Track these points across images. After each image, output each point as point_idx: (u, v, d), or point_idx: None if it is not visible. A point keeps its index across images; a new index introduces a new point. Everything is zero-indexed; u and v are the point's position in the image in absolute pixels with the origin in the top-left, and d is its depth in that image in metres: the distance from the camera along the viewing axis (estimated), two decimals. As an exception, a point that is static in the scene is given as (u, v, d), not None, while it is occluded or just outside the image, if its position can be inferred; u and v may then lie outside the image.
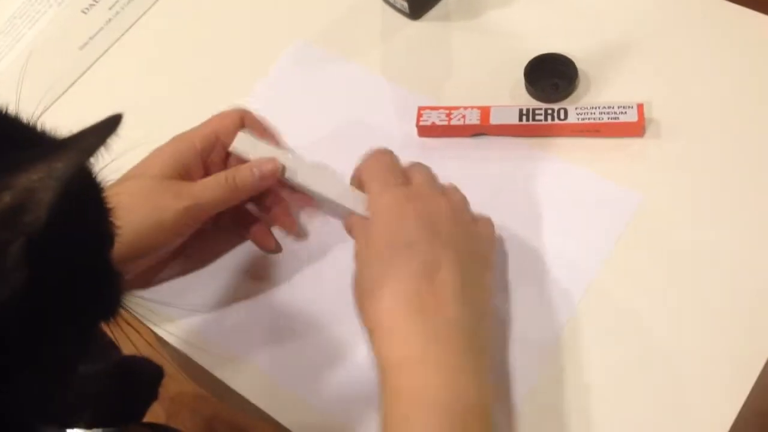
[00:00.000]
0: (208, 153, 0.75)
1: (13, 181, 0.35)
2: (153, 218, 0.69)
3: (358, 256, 0.67)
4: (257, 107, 0.85)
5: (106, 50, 0.97)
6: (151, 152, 0.74)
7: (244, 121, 0.76)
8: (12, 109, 0.45)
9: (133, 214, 0.67)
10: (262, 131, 0.77)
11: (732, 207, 0.73)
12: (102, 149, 0.39)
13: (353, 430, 0.69)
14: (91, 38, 0.97)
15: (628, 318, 0.70)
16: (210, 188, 0.72)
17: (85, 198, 0.44)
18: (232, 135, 0.75)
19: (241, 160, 0.75)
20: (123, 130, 0.42)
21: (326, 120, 0.85)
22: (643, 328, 0.69)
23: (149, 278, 0.77)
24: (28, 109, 0.46)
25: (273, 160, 0.73)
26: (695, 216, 0.73)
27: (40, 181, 0.35)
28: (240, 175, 0.72)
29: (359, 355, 0.71)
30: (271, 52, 0.92)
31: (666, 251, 0.72)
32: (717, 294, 0.69)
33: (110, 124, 0.39)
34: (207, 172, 0.75)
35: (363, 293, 0.64)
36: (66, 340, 0.43)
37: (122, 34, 0.98)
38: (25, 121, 0.45)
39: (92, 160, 0.39)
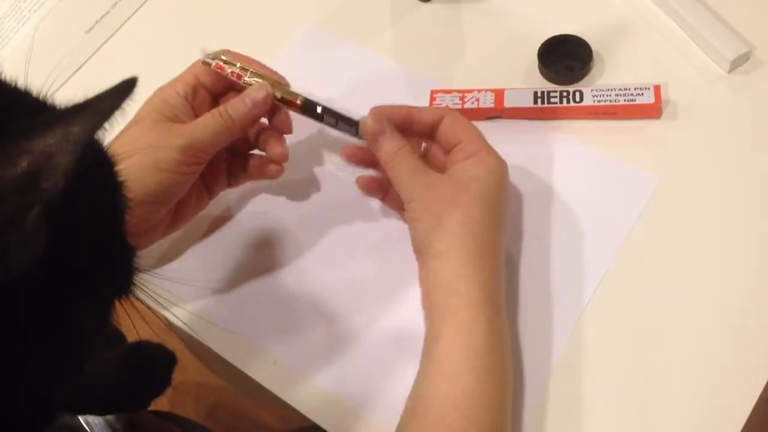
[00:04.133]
0: (192, 97, 0.74)
1: (30, 145, 0.34)
2: (151, 159, 0.68)
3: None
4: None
5: (113, 34, 0.96)
6: (139, 108, 0.73)
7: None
8: (22, 83, 0.44)
9: (132, 159, 0.66)
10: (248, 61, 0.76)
11: (750, 188, 0.73)
12: (118, 113, 0.38)
13: (359, 408, 0.69)
14: (97, 22, 0.96)
15: (645, 302, 0.69)
16: (205, 124, 0.71)
17: (97, 170, 0.43)
18: (218, 83, 0.75)
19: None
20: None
21: (338, 106, 0.84)
22: (660, 310, 0.69)
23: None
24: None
25: (264, 86, 0.73)
26: (713, 198, 0.73)
27: (57, 145, 0.34)
28: (232, 106, 0.72)
29: (366, 335, 0.72)
30: (280, 38, 0.91)
31: (684, 233, 0.71)
32: (736, 278, 0.69)
33: (125, 88, 0.38)
34: (197, 116, 0.74)
35: (438, 214, 0.66)
36: (81, 317, 0.42)
37: (129, 18, 0.97)
38: (35, 94, 0.44)
39: (107, 125, 0.38)
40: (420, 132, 0.72)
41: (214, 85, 0.75)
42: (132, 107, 0.39)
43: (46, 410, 0.45)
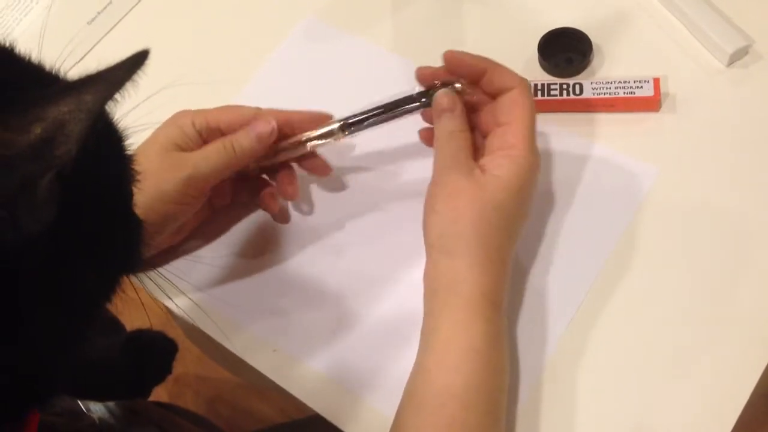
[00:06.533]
0: (207, 135, 0.74)
1: (44, 113, 0.35)
2: (155, 190, 0.69)
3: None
4: (266, 85, 0.84)
5: (115, 25, 0.96)
6: (156, 128, 0.74)
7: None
8: (35, 57, 0.45)
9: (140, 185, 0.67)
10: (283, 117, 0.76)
11: (748, 181, 0.73)
12: (129, 84, 0.38)
13: (359, 394, 0.69)
14: (99, 13, 0.97)
15: (642, 294, 0.69)
16: (208, 155, 0.72)
17: (107, 143, 0.44)
18: (237, 129, 0.74)
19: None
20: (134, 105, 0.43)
21: (337, 97, 0.84)
22: (657, 303, 0.69)
23: (166, 256, 0.77)
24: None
25: (268, 120, 0.73)
26: (712, 191, 0.73)
27: (70, 114, 0.35)
28: (238, 140, 0.72)
29: (365, 322, 0.72)
30: (281, 29, 0.91)
31: (682, 226, 0.72)
32: (733, 271, 0.69)
33: (138, 60, 0.39)
34: None
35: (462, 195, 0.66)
36: (87, 287, 0.43)
37: (131, 9, 0.97)
38: (48, 68, 0.44)
39: (118, 96, 0.38)
40: (485, 89, 0.71)
41: (229, 128, 0.75)
42: (143, 80, 0.40)
43: (46, 381, 0.45)
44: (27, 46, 0.47)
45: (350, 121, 0.73)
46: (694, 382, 0.65)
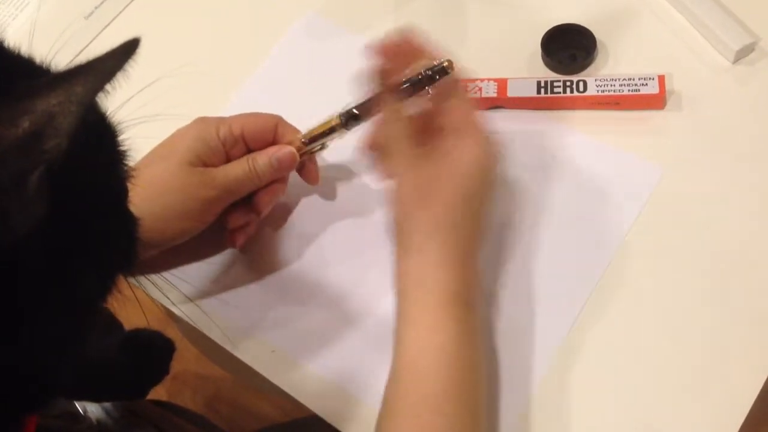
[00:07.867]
0: (230, 145, 0.73)
1: (32, 106, 0.34)
2: (180, 206, 0.69)
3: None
4: (266, 81, 0.83)
5: (113, 19, 0.96)
6: (174, 133, 0.73)
7: (277, 128, 0.75)
8: (25, 51, 0.43)
9: (161, 201, 0.68)
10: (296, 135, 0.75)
11: (753, 179, 0.72)
12: (120, 74, 0.37)
13: (356, 395, 0.69)
14: (96, 7, 0.96)
15: (648, 293, 0.69)
16: (234, 175, 0.72)
17: (100, 137, 0.43)
18: (259, 138, 0.74)
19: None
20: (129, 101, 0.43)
21: (338, 93, 0.83)
22: (662, 303, 0.68)
23: (167, 262, 0.76)
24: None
25: (288, 147, 0.73)
26: (717, 189, 0.72)
27: (60, 106, 0.34)
28: (258, 160, 0.72)
29: (364, 323, 0.72)
30: (281, 24, 0.91)
31: (687, 224, 0.71)
32: (739, 270, 0.68)
33: (128, 49, 0.38)
34: (228, 161, 0.74)
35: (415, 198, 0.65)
36: (83, 287, 0.42)
37: (128, 3, 0.96)
38: (38, 61, 0.43)
39: (109, 87, 0.37)
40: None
41: (254, 141, 0.74)
42: (139, 73, 0.39)
43: (45, 383, 0.44)
44: (23, 41, 0.46)
45: (352, 110, 0.72)
46: (697, 385, 0.65)
